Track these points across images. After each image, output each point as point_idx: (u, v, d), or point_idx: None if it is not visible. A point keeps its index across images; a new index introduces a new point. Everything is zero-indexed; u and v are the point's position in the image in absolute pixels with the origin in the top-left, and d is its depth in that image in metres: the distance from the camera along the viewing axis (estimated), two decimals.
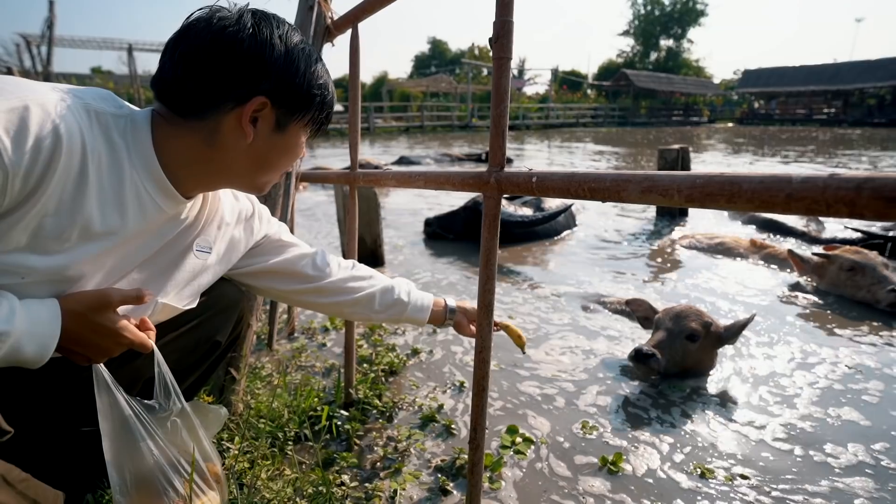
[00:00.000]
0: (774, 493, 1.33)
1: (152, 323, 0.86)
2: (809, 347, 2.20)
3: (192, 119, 0.77)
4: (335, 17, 1.57)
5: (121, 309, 0.79)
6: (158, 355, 0.86)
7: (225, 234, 1.00)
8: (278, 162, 0.86)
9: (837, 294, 2.86)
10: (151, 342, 0.83)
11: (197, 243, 0.94)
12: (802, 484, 1.36)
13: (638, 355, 1.88)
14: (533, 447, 1.53)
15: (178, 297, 0.93)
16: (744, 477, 1.38)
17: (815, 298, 2.83)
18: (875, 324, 2.47)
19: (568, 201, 4.47)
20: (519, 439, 1.55)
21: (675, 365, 1.93)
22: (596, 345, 2.24)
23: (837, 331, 2.40)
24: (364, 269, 1.22)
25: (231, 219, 1.01)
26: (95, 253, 0.75)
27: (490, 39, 0.85)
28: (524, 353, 1.37)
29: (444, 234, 4.32)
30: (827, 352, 2.15)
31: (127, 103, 0.80)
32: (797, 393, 1.83)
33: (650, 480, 1.38)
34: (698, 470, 1.41)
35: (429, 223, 4.40)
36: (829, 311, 2.65)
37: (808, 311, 2.66)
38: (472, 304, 1.28)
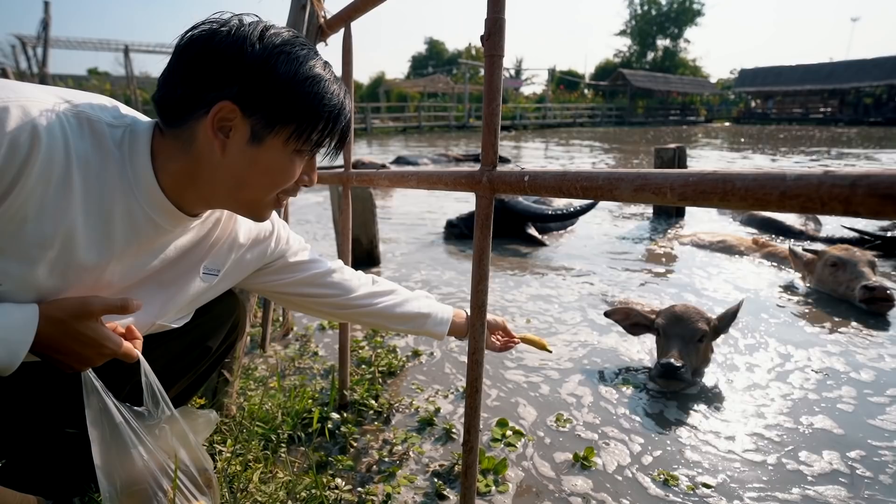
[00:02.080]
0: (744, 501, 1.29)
1: (142, 333, 0.84)
2: (784, 349, 2.16)
3: (175, 127, 0.74)
4: (328, 17, 1.56)
5: (115, 318, 0.77)
6: (145, 364, 0.84)
7: (236, 256, 0.97)
8: (259, 181, 0.77)
9: (824, 291, 2.87)
10: (137, 352, 0.81)
11: (205, 265, 0.91)
12: (773, 492, 1.32)
13: (670, 370, 1.75)
14: (522, 440, 1.53)
15: (172, 315, 0.91)
16: (706, 486, 1.34)
17: (803, 297, 2.83)
18: (852, 323, 2.46)
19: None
20: (509, 432, 1.56)
21: (691, 370, 1.86)
22: (604, 339, 2.24)
23: (812, 330, 2.38)
24: (385, 284, 1.20)
25: (246, 240, 0.98)
26: (80, 264, 0.73)
27: (482, 37, 0.84)
28: (550, 351, 1.40)
29: (469, 233, 4.35)
30: (800, 354, 2.11)
31: (131, 113, 0.78)
32: (768, 401, 1.77)
33: (619, 477, 1.38)
34: (662, 476, 1.37)
35: (453, 224, 4.37)
36: (810, 310, 2.64)
37: (792, 310, 2.64)
38: (492, 316, 1.27)
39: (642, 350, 2.18)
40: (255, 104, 0.72)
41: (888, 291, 2.53)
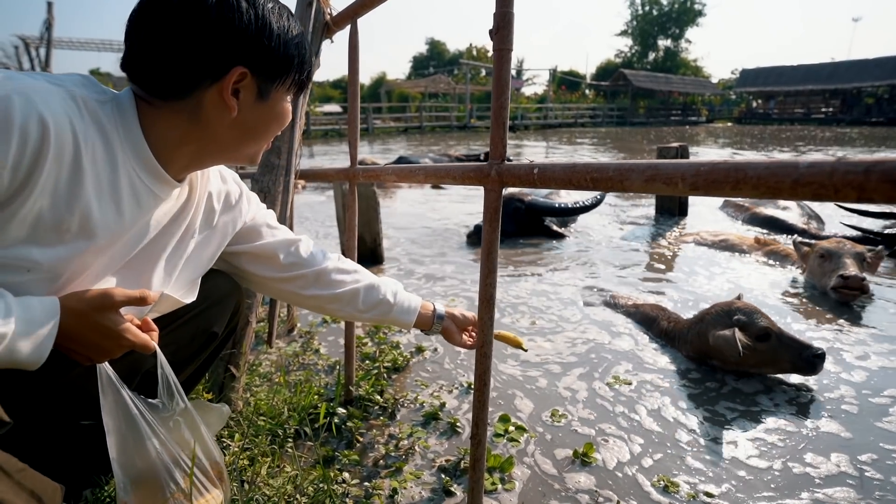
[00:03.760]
0: None
1: (152, 317, 0.85)
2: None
3: (173, 100, 0.75)
4: (334, 14, 1.57)
5: (123, 309, 0.78)
6: (161, 357, 0.85)
7: (214, 218, 0.98)
8: (266, 131, 0.85)
9: (816, 284, 2.88)
10: (154, 343, 0.82)
11: (189, 229, 0.92)
12: (781, 500, 1.28)
13: (823, 355, 1.84)
14: (524, 436, 1.53)
15: (177, 285, 0.91)
16: (708, 495, 1.29)
17: (800, 293, 2.84)
18: (838, 320, 2.45)
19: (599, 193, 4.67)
20: (512, 428, 1.57)
21: None
22: (604, 337, 2.24)
23: (798, 328, 2.36)
24: (349, 263, 1.17)
25: (219, 202, 0.99)
26: (97, 243, 0.74)
27: (490, 31, 0.84)
28: (525, 349, 1.35)
29: (504, 235, 4.46)
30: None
31: (105, 87, 0.78)
32: (771, 405, 1.74)
33: (620, 474, 1.37)
34: (662, 482, 1.34)
35: (480, 228, 4.39)
36: (804, 307, 2.64)
37: (785, 307, 2.65)
38: (462, 311, 1.25)
39: (641, 348, 2.18)
40: (260, 64, 0.76)
41: (864, 282, 2.54)
